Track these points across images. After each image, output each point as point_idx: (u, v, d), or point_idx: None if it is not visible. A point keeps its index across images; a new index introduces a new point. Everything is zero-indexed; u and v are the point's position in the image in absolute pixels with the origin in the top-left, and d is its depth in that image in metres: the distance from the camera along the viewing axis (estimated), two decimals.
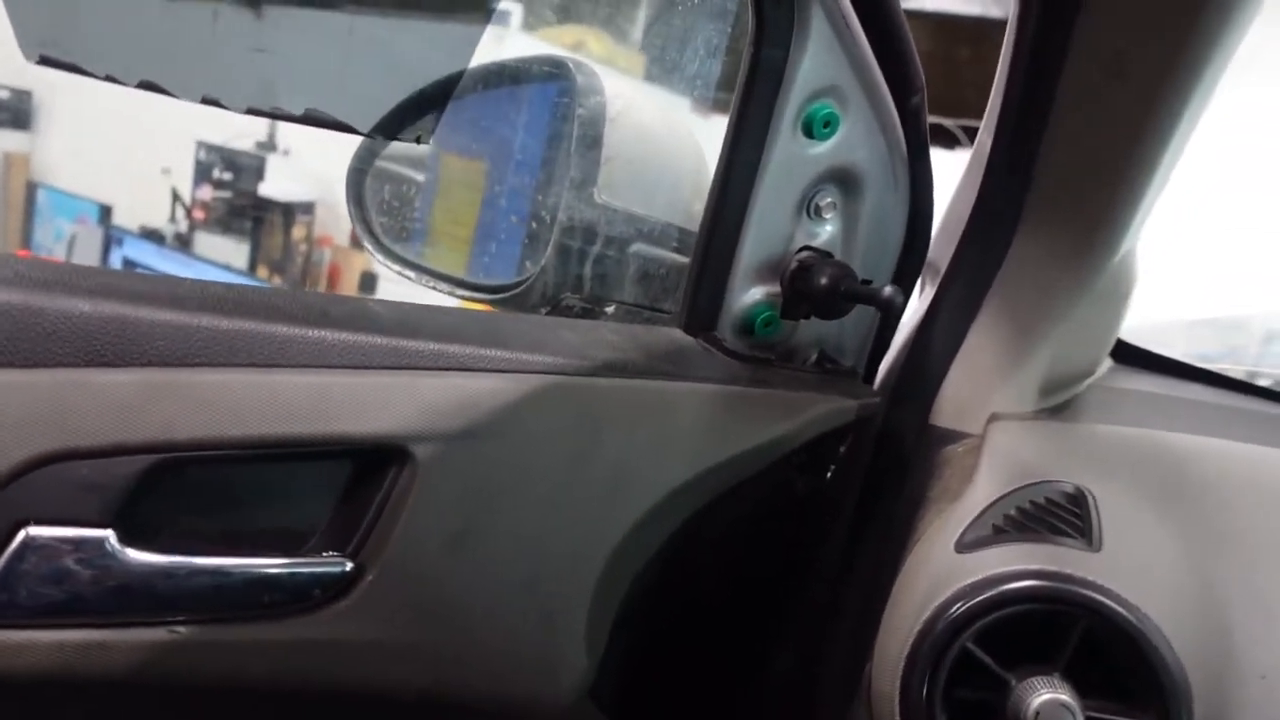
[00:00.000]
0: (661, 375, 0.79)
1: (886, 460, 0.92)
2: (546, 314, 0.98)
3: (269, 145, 4.41)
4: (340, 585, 0.69)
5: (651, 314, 0.98)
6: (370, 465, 0.69)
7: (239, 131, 4.34)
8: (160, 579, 0.64)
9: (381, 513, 0.69)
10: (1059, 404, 0.91)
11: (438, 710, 0.77)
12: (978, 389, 0.88)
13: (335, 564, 0.69)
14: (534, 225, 1.03)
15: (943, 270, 0.91)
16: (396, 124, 0.91)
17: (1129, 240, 0.82)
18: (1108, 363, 1.03)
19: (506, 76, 1.06)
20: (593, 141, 0.97)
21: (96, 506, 0.62)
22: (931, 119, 0.88)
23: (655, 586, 0.83)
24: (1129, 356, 1.06)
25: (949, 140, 2.97)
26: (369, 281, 4.19)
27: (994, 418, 0.87)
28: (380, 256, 1.13)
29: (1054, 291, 0.84)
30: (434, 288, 1.08)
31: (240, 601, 0.66)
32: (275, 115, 0.71)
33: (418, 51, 0.85)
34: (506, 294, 1.02)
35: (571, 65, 1.01)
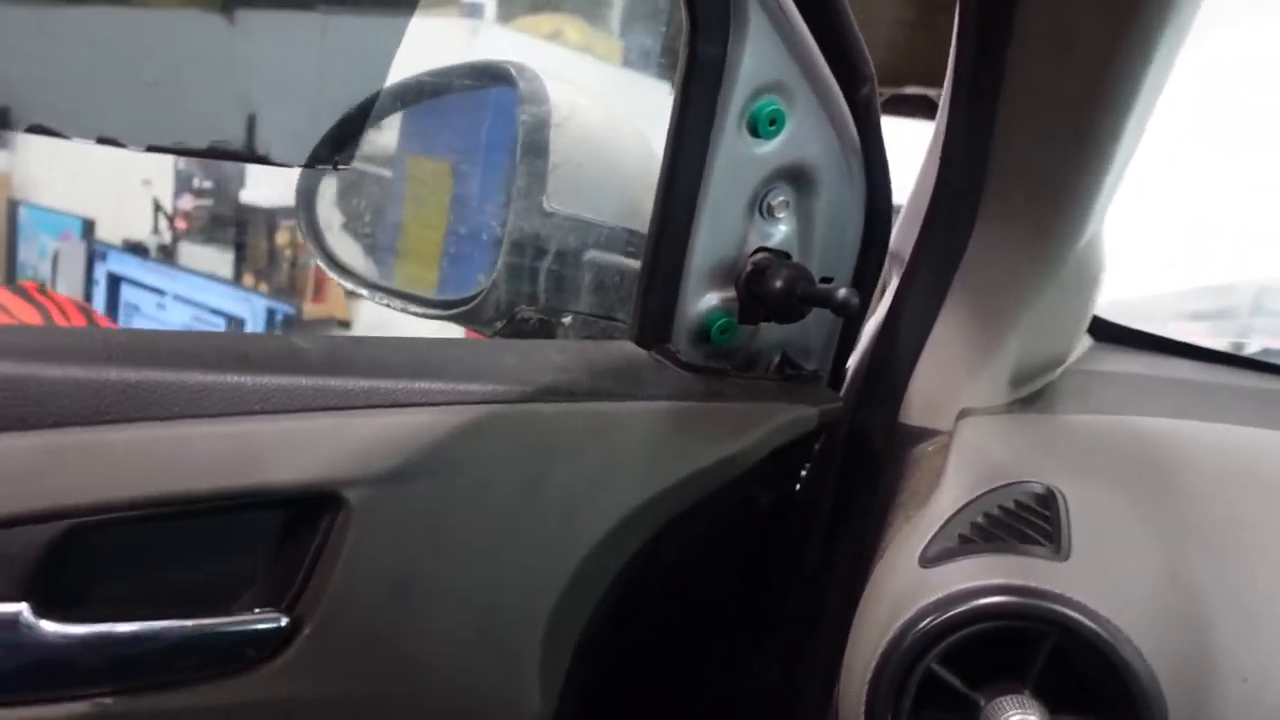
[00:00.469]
0: (610, 395, 0.75)
1: (856, 464, 0.89)
2: (501, 327, 0.94)
3: None
4: (275, 642, 0.66)
5: (609, 323, 0.95)
6: (302, 514, 0.66)
7: None
8: (81, 651, 0.61)
9: (317, 563, 0.66)
10: (1032, 393, 0.88)
11: None
12: (947, 383, 0.85)
13: (269, 620, 0.66)
14: (484, 237, 1.00)
15: (906, 260, 0.87)
16: (327, 149, 0.87)
17: (1093, 221, 0.79)
18: (1087, 341, 1.00)
19: (448, 87, 1.02)
20: (539, 148, 0.94)
21: (6, 580, 0.59)
22: (915, 90, 0.85)
23: (614, 614, 0.80)
24: (1108, 334, 1.03)
25: (933, 111, 2.91)
26: None
27: (964, 413, 0.84)
28: (334, 275, 1.11)
29: (1019, 277, 0.81)
30: (388, 305, 1.05)
31: (168, 667, 0.63)
32: (180, 151, 0.67)
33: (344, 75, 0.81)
34: (460, 309, 0.99)
35: (514, 71, 0.97)
